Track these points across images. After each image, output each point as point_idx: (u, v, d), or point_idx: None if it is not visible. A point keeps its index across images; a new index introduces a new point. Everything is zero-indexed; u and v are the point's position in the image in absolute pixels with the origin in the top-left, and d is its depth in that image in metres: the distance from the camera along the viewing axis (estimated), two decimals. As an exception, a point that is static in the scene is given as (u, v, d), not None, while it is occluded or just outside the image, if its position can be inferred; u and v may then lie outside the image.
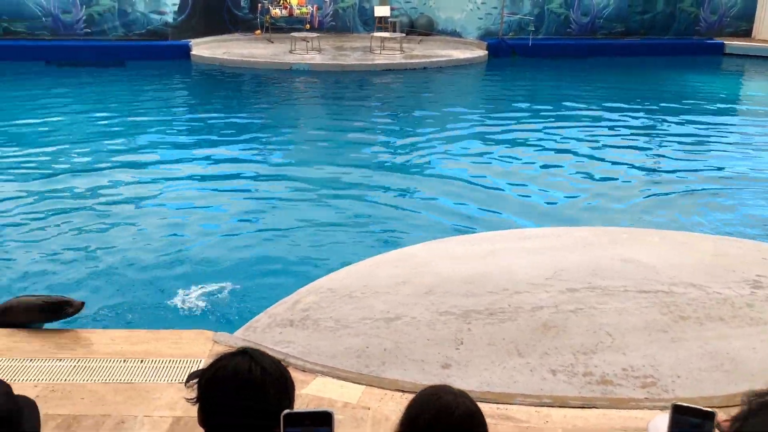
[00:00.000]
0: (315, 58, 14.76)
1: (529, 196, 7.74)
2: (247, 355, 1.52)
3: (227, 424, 1.48)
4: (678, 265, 5.07)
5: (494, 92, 13.97)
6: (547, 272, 4.91)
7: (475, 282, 4.74)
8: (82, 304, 3.99)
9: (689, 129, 10.82)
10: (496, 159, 9.04)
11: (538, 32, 17.03)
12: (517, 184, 8.07)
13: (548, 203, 7.58)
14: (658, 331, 4.14)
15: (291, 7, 16.52)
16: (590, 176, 8.43)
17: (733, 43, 17.23)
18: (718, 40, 17.49)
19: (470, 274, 4.84)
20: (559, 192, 7.92)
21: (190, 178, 8.12)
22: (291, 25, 16.68)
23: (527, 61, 15.93)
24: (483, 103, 13.08)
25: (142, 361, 3.60)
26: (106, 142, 9.37)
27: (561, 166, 8.78)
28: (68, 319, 4.01)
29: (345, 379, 3.64)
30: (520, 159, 9.08)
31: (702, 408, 1.27)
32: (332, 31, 17.52)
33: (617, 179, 8.39)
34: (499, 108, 12.28)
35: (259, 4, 16.53)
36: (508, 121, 11.04)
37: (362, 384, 3.57)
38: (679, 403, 1.29)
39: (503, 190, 7.90)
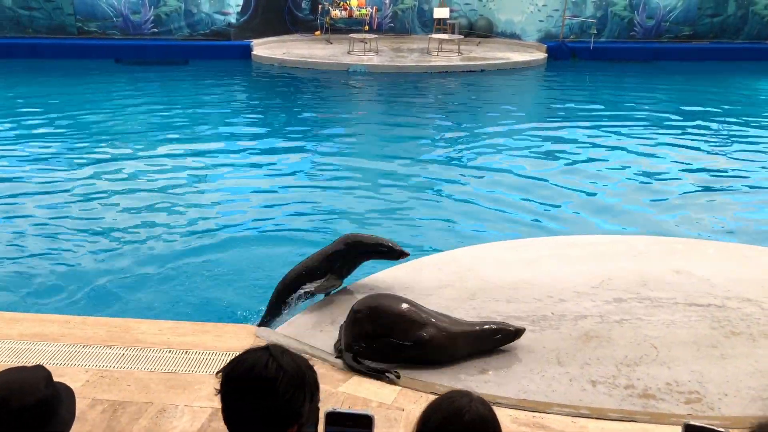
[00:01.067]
0: (372, 60, 14.86)
1: (583, 202, 7.58)
2: (267, 351, 1.55)
3: (239, 419, 1.52)
4: (734, 278, 4.87)
5: (551, 95, 13.74)
6: (594, 281, 4.80)
7: (519, 288, 4.68)
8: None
9: (756, 139, 10.36)
10: (549, 164, 8.89)
11: (601, 35, 16.63)
12: (570, 190, 7.92)
13: (602, 208, 7.41)
14: (708, 347, 3.99)
15: (351, 8, 16.69)
16: (647, 184, 8.20)
17: (810, 48, 16.38)
18: (793, 44, 16.66)
19: (514, 280, 4.79)
20: (614, 198, 7.73)
21: (247, 173, 8.40)
22: (350, 26, 16.86)
23: (588, 65, 15.59)
24: (539, 106, 12.89)
25: (186, 353, 3.72)
26: (169, 135, 9.76)
27: (616, 173, 8.57)
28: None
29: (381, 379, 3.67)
30: (574, 165, 8.90)
31: (714, 428, 1.23)
32: (391, 32, 17.60)
33: (675, 188, 8.12)
34: (555, 111, 12.06)
35: (320, 6, 16.78)
36: (564, 125, 10.85)
37: (398, 386, 3.58)
38: (691, 423, 1.26)
39: (555, 196, 7.77)
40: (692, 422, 1.26)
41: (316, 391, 1.59)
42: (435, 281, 4.80)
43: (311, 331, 4.16)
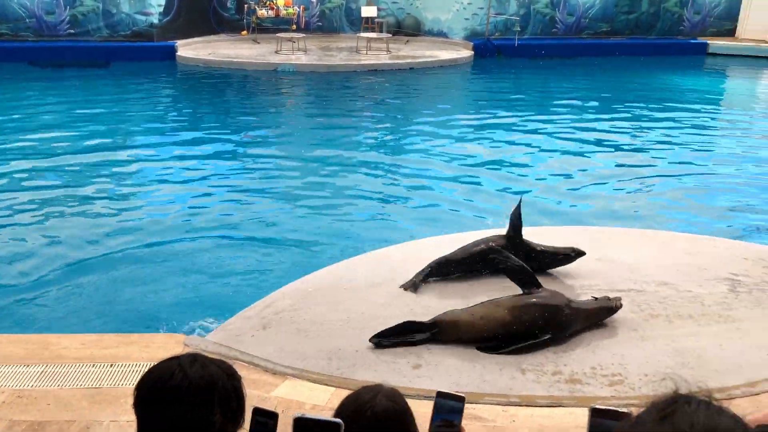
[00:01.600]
0: (301, 59, 14.76)
1: (509, 196, 7.76)
2: (176, 361, 1.51)
3: (149, 430, 1.48)
4: (652, 264, 5.11)
5: (479, 92, 14.02)
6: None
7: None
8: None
9: (673, 128, 10.87)
10: (478, 159, 9.06)
11: (524, 32, 17.09)
12: (497, 184, 8.11)
13: (529, 201, 7.58)
14: (628, 330, 4.17)
15: (277, 7, 16.51)
16: (572, 176, 8.47)
17: (717, 43, 17.34)
18: (701, 39, 17.59)
19: (445, 275, 4.86)
20: (540, 192, 7.95)
21: (173, 176, 8.15)
22: (277, 25, 16.68)
23: (513, 62, 15.98)
24: (468, 102, 13.12)
25: (111, 366, 3.59)
26: (90, 140, 9.37)
27: (543, 166, 8.82)
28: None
29: (315, 381, 3.66)
30: (502, 160, 9.11)
31: (619, 410, 1.28)
32: (319, 31, 17.53)
33: (599, 179, 8.42)
34: (484, 108, 12.31)
35: (246, 5, 16.52)
36: (492, 121, 11.08)
37: (332, 386, 3.58)
38: (597, 406, 1.30)
39: (483, 190, 7.93)
40: (598, 406, 1.31)
41: (233, 399, 1.53)
42: (369, 279, 4.81)
43: (243, 337, 4.10)
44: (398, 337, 3.97)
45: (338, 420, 1.40)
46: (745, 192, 7.99)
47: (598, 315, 4.14)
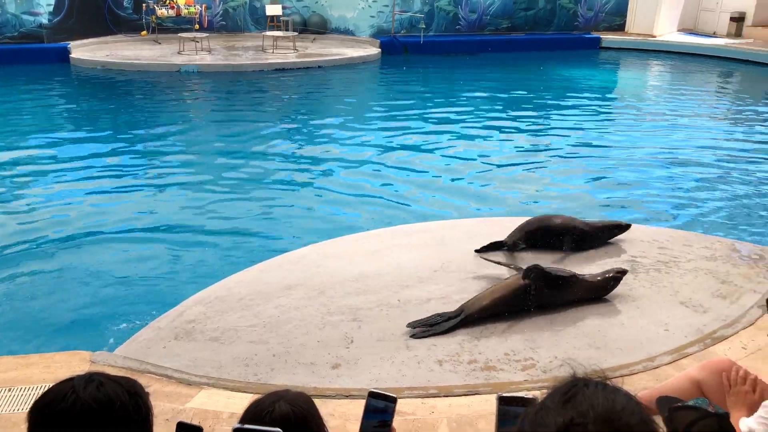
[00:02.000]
0: (205, 59, 14.37)
1: (420, 190, 7.89)
2: (71, 382, 1.42)
3: None
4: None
5: (388, 89, 14.15)
6: (435, 265, 5.03)
7: (365, 280, 4.78)
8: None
9: (572, 117, 11.40)
10: (388, 156, 9.14)
11: (429, 29, 17.39)
12: (408, 178, 8.21)
13: (440, 196, 7.74)
14: (539, 315, 4.33)
15: (178, 6, 15.98)
16: (479, 168, 8.69)
17: (609, 37, 18.33)
18: (595, 34, 18.54)
19: (360, 272, 4.88)
20: (452, 184, 8.12)
21: (69, 187, 7.69)
22: (179, 25, 16.17)
23: (420, 58, 16.23)
24: (377, 99, 13.21)
25: (9, 390, 3.37)
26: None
27: (453, 160, 9.00)
28: None
29: (232, 389, 3.57)
30: (412, 154, 9.23)
31: (525, 396, 1.33)
32: (223, 30, 17.14)
33: (505, 168, 8.68)
34: (393, 104, 12.44)
35: (144, 4, 15.89)
36: (402, 116, 11.21)
37: (249, 393, 3.51)
38: (504, 394, 1.34)
39: (394, 186, 8.01)
40: (505, 394, 1.35)
41: (134, 418, 1.46)
42: (284, 281, 4.76)
43: (154, 349, 3.95)
44: (429, 327, 4.14)
45: (277, 429, 1.37)
46: (639, 176, 8.47)
47: (600, 288, 4.53)
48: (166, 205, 7.19)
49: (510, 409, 1.31)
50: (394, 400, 1.66)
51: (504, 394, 1.34)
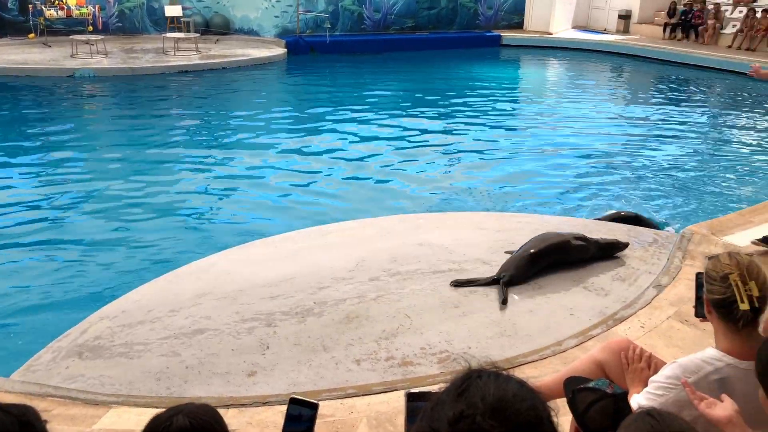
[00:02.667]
0: (102, 62, 13.72)
1: (331, 192, 7.88)
2: None
3: None
4: (469, 243, 5.47)
5: (295, 89, 14.04)
6: (350, 264, 5.04)
7: (279, 284, 4.72)
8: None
9: (476, 113, 11.73)
10: (297, 156, 9.08)
11: (335, 29, 17.39)
12: (319, 179, 8.18)
13: (350, 197, 7.76)
14: (452, 307, 4.43)
15: (69, 7, 15.17)
16: (390, 166, 8.79)
17: (509, 35, 19.00)
18: (495, 32, 19.16)
19: (274, 277, 4.81)
20: (361, 183, 8.16)
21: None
22: (71, 27, 15.35)
23: (326, 58, 16.20)
24: (285, 99, 13.07)
25: None
26: None
27: (362, 159, 9.05)
28: None
29: (144, 405, 3.43)
30: (322, 154, 9.21)
31: (431, 391, 1.35)
32: (120, 32, 16.44)
33: (413, 165, 8.82)
34: (301, 103, 12.36)
35: (30, 5, 14.97)
36: (309, 118, 11.15)
37: (162, 407, 3.37)
38: (411, 391, 1.37)
39: (306, 187, 7.96)
40: (412, 390, 1.37)
41: None
42: (194, 291, 4.62)
43: (56, 370, 3.73)
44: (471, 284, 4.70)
45: None
46: (540, 167, 8.83)
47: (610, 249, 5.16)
48: (63, 217, 6.82)
49: (418, 405, 1.33)
50: (315, 407, 1.65)
51: (411, 391, 1.36)
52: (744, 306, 1.95)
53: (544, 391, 2.58)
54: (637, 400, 2.07)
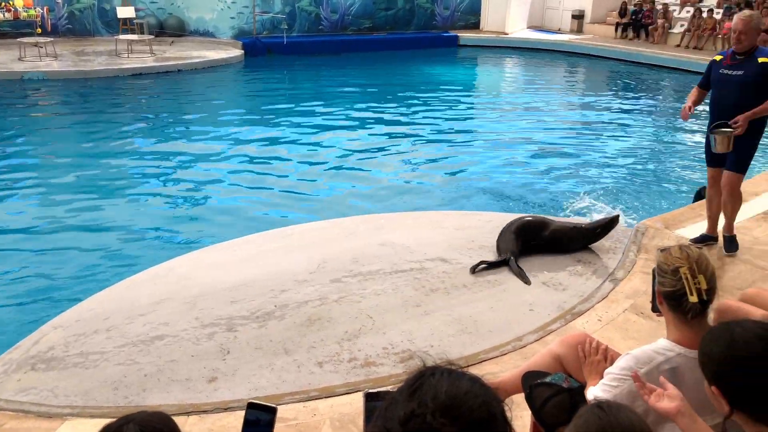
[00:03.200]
0: (52, 65, 13.37)
1: (292, 194, 7.83)
2: None
3: None
4: (429, 242, 5.49)
5: (252, 90, 13.91)
6: (312, 266, 5.01)
7: (240, 288, 4.66)
8: None
9: (435, 112, 11.81)
10: (257, 158, 8.99)
11: (292, 30, 17.28)
12: (277, 182, 8.12)
13: (311, 198, 7.73)
14: (413, 306, 4.45)
15: (15, 9, 14.74)
16: (351, 166, 8.78)
17: (465, 35, 19.19)
18: (452, 32, 19.32)
19: (234, 281, 4.75)
20: (322, 184, 8.13)
21: None
22: (18, 29, 14.91)
23: (284, 59, 16.10)
24: (242, 101, 12.94)
25: None
26: None
27: (321, 161, 9.02)
28: None
29: (100, 416, 3.34)
30: (282, 156, 9.15)
31: (388, 390, 1.34)
32: (70, 34, 16.04)
33: (373, 165, 8.84)
34: (258, 105, 12.25)
35: (-26, 7, 14.49)
36: (266, 120, 11.07)
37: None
38: (369, 391, 1.36)
39: (264, 189, 7.89)
40: (370, 390, 1.36)
41: None
42: (152, 297, 4.53)
43: (7, 383, 3.60)
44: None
45: None
46: (497, 165, 8.94)
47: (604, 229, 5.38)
48: (10, 222, 6.60)
49: (376, 405, 1.32)
50: (274, 411, 1.63)
51: (370, 390, 1.35)
52: (693, 299, 2.00)
53: (504, 387, 2.61)
54: (593, 392, 2.11)
